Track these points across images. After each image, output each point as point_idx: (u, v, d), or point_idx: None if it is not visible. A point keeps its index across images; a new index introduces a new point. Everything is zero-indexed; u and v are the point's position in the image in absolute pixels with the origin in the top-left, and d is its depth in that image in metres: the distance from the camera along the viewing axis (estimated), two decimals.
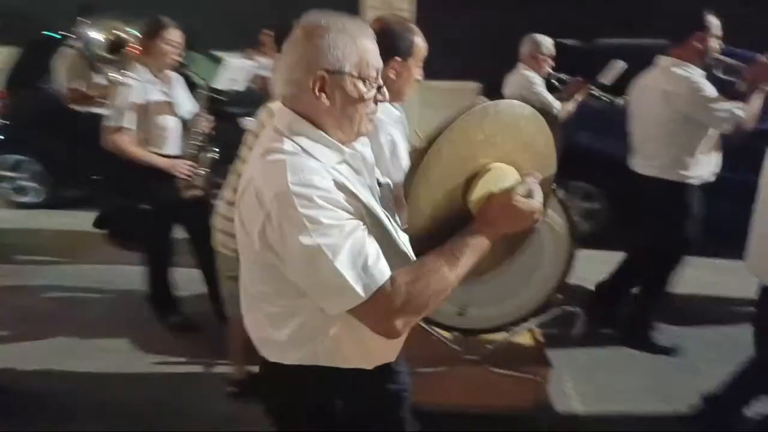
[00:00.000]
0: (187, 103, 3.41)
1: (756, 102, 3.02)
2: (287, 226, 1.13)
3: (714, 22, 3.08)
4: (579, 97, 4.22)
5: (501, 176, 1.29)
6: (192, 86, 3.51)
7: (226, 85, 4.53)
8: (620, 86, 3.98)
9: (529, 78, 4.11)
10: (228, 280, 2.62)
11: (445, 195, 1.29)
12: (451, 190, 1.29)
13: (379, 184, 1.43)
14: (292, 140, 1.22)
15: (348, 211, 1.17)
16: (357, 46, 1.22)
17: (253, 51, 5.70)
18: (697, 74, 3.07)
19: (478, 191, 1.27)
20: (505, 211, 1.24)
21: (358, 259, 1.13)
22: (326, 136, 1.25)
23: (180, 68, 3.39)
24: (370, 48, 1.25)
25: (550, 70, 4.31)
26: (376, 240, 1.19)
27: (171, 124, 3.27)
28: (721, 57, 3.14)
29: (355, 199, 1.21)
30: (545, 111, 1.26)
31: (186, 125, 3.36)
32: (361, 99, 1.24)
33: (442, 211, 1.29)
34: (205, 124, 3.37)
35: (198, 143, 3.37)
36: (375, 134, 1.70)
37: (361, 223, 1.19)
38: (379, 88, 1.27)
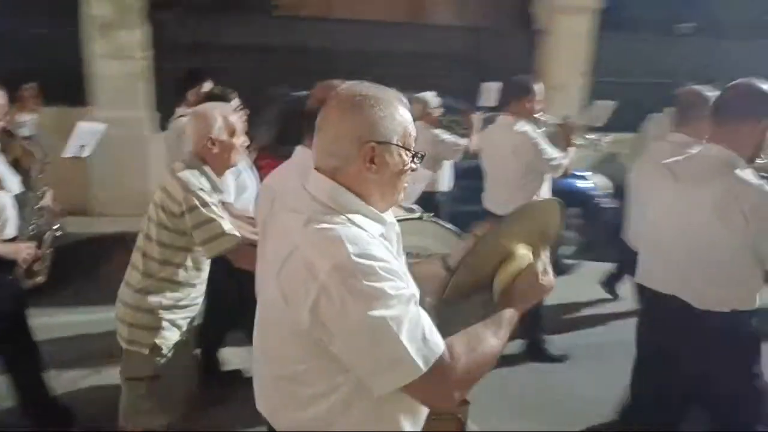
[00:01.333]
0: (10, 177, 2.83)
1: (572, 152, 3.79)
2: (350, 299, 1.08)
3: (538, 88, 3.74)
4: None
5: (522, 258, 1.42)
6: None
7: (74, 152, 3.83)
8: None
9: (433, 132, 4.51)
10: (131, 384, 2.26)
11: (478, 275, 1.41)
12: (484, 273, 1.41)
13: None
14: (338, 211, 1.20)
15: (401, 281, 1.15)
16: (401, 116, 1.24)
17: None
18: (532, 130, 3.64)
19: (506, 274, 1.40)
20: (533, 288, 1.37)
21: (417, 330, 1.11)
22: (371, 207, 1.24)
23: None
24: (409, 118, 1.28)
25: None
26: None
27: (4, 200, 2.68)
28: (542, 116, 3.81)
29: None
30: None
31: (21, 201, 2.79)
32: (404, 168, 1.26)
33: (467, 286, 1.41)
34: (48, 197, 2.85)
35: (37, 221, 2.82)
36: None
37: (415, 292, 1.17)
38: (414, 156, 1.28)
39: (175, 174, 2.19)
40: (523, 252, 1.42)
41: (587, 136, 4.42)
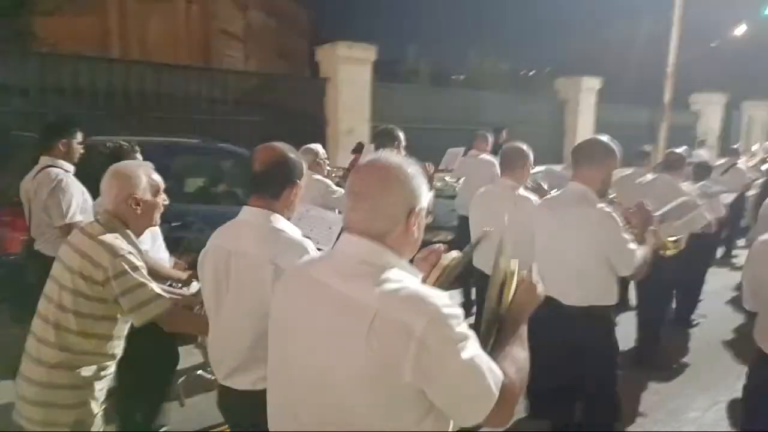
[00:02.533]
0: None
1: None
2: (449, 347, 1.20)
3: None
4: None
5: (515, 274, 1.59)
6: None
7: None
8: None
9: (323, 182, 4.39)
10: None
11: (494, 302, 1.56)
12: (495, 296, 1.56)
13: None
14: (389, 270, 1.31)
15: None
16: (425, 184, 1.42)
17: None
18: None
19: (510, 292, 1.56)
20: (533, 298, 1.56)
21: (487, 361, 1.27)
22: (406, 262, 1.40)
23: None
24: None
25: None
26: None
27: None
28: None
29: None
30: None
31: None
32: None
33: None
34: None
35: None
36: None
37: None
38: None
39: (95, 237, 2.06)
40: (514, 268, 1.57)
41: (446, 179, 4.94)
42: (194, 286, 2.68)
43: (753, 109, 17.70)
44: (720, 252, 7.53)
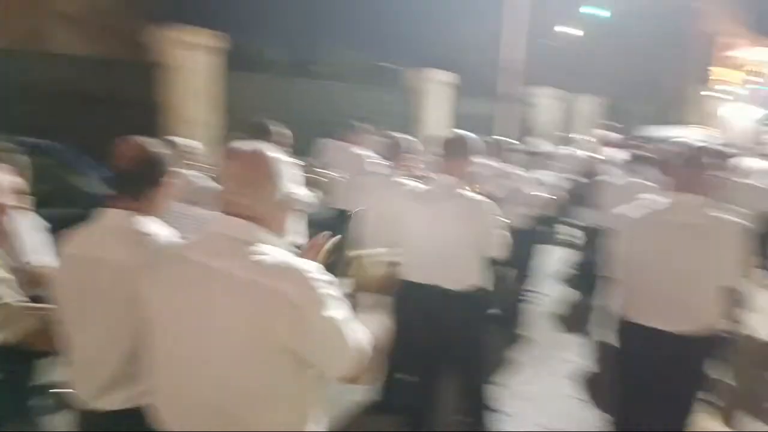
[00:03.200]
0: None
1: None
2: (319, 307, 1.42)
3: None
4: None
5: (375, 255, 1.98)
6: None
7: None
8: None
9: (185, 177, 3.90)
10: None
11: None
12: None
13: None
14: (262, 244, 1.47)
15: None
16: (287, 171, 1.59)
17: None
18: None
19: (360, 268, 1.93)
20: (391, 275, 2.00)
21: (353, 321, 1.52)
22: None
23: None
24: None
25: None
26: None
27: None
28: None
29: None
30: None
31: None
32: None
33: None
34: None
35: None
36: None
37: None
38: None
39: None
40: (375, 250, 1.82)
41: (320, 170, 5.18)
42: None
43: (582, 102, 19.70)
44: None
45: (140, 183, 1.82)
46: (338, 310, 1.40)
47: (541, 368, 4.59)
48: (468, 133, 3.18)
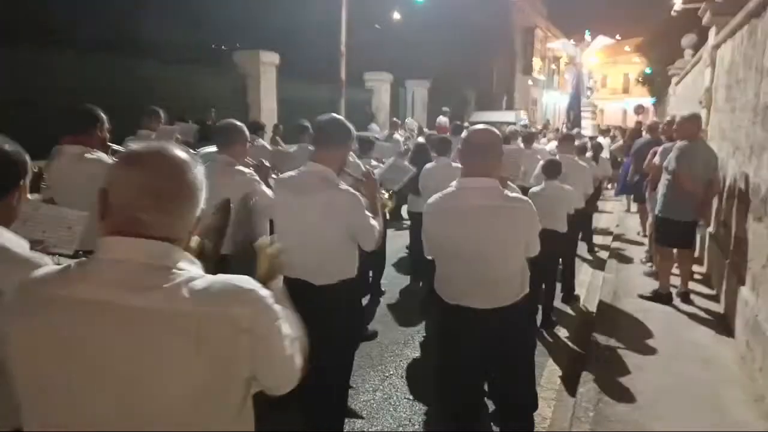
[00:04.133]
0: None
1: None
2: (275, 327, 1.27)
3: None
4: None
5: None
6: None
7: None
8: None
9: None
10: None
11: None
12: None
13: None
14: (182, 267, 1.22)
15: None
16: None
17: None
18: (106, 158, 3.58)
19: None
20: (279, 266, 1.68)
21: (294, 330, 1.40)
22: None
23: None
24: None
25: None
26: None
27: None
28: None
29: None
30: None
31: None
32: None
33: None
34: None
35: None
36: None
37: None
38: None
39: None
40: (263, 241, 1.65)
41: None
42: None
43: (415, 87, 20.41)
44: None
45: None
46: (286, 325, 1.28)
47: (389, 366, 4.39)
48: (343, 120, 2.96)
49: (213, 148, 6.30)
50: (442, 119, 13.92)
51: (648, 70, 29.61)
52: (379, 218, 3.01)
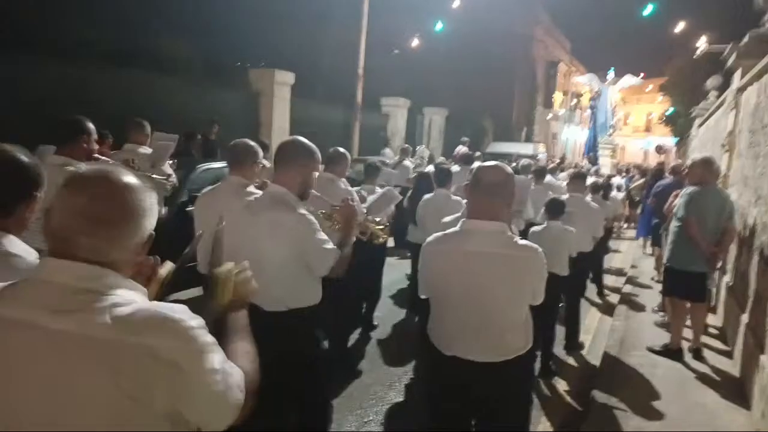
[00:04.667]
0: None
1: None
2: (200, 360, 1.20)
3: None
4: None
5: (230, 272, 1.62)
6: None
7: None
8: None
9: None
10: None
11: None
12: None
13: None
14: (113, 293, 1.22)
15: None
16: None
17: None
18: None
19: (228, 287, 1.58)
20: (248, 291, 1.65)
21: (229, 364, 1.32)
22: None
23: None
24: None
25: None
26: None
27: None
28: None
29: None
30: None
31: None
32: None
33: None
34: None
35: None
36: None
37: None
38: None
39: None
40: (228, 268, 1.58)
41: (155, 177, 4.35)
42: None
43: (433, 114, 20.31)
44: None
45: (5, 197, 1.69)
46: (216, 358, 1.21)
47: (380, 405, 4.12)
48: (303, 141, 2.82)
49: (216, 164, 6.08)
50: (462, 149, 13.63)
51: (671, 110, 29.30)
52: (348, 247, 2.81)
